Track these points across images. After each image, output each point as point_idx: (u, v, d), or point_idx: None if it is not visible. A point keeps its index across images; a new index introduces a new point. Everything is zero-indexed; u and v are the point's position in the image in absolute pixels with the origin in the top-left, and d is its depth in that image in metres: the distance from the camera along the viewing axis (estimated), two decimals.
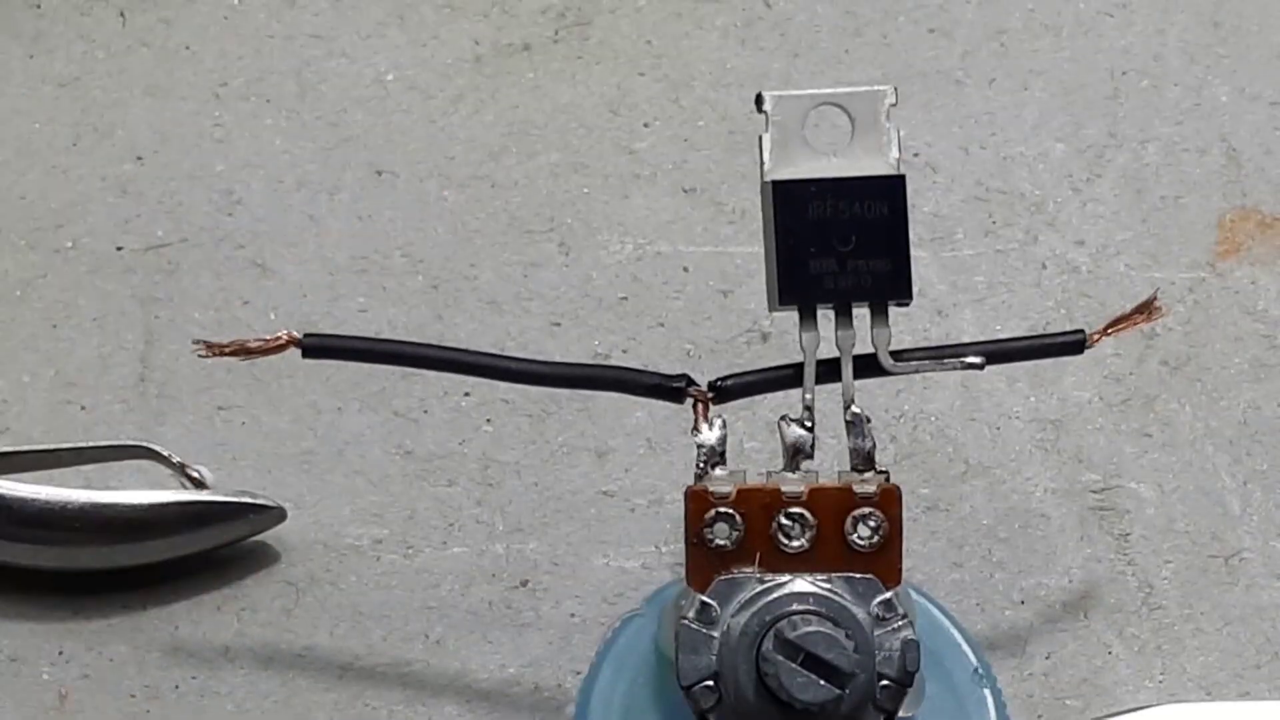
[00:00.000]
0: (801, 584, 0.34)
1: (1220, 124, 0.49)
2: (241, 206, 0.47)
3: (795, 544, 0.34)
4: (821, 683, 0.33)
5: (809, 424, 0.35)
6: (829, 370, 0.35)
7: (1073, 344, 0.38)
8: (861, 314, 0.35)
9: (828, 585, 0.34)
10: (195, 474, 0.42)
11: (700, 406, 0.35)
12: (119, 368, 0.45)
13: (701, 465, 0.35)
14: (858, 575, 0.34)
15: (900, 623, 0.34)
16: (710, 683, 0.34)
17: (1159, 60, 0.50)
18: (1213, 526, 0.44)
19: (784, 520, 0.34)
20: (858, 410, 0.35)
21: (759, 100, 0.35)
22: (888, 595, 0.34)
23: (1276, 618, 0.43)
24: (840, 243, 0.35)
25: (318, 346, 0.37)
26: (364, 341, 0.39)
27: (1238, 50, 0.50)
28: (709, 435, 0.35)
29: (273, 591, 0.43)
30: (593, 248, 0.47)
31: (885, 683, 0.34)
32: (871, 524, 0.34)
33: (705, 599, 0.34)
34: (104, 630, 0.42)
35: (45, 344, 0.45)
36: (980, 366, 0.36)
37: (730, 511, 0.34)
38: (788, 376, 0.36)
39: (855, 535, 0.34)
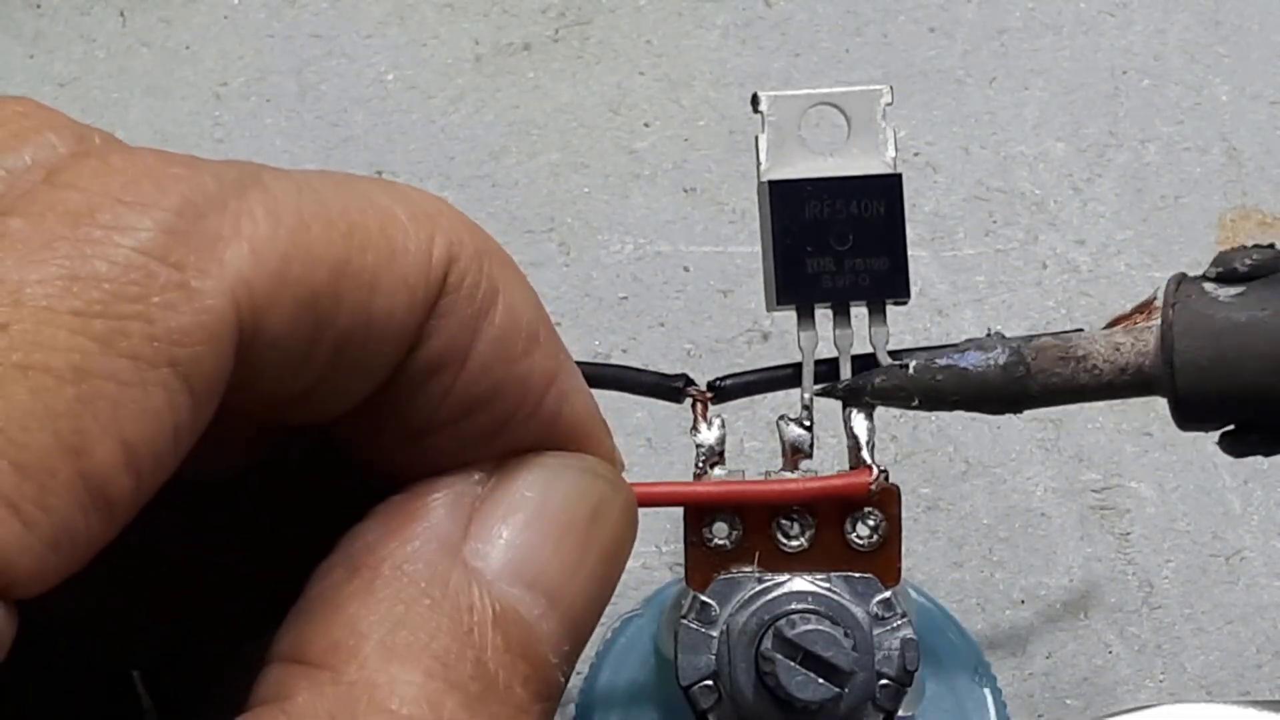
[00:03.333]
0: (800, 583, 0.34)
1: (1220, 123, 0.49)
2: None
3: (794, 543, 0.34)
4: (820, 681, 0.33)
5: (808, 423, 0.35)
6: (828, 370, 0.35)
7: None
8: (860, 313, 0.35)
9: (827, 584, 0.34)
10: None
11: (700, 406, 0.35)
12: None
13: (701, 465, 0.35)
14: (857, 574, 0.34)
15: (899, 622, 0.34)
16: (710, 682, 0.34)
17: (1159, 60, 0.50)
18: (1213, 525, 0.44)
19: (783, 520, 0.34)
20: None
21: (755, 100, 0.35)
22: (887, 594, 0.34)
23: (1277, 617, 0.43)
24: (837, 242, 0.35)
25: None
26: None
27: (1238, 50, 0.50)
28: (708, 435, 0.35)
29: None
30: (593, 247, 0.47)
31: (884, 682, 0.33)
32: (871, 523, 0.34)
33: (704, 598, 0.34)
34: None
35: None
36: None
37: (729, 511, 0.34)
38: (787, 376, 0.36)
39: (854, 534, 0.34)
